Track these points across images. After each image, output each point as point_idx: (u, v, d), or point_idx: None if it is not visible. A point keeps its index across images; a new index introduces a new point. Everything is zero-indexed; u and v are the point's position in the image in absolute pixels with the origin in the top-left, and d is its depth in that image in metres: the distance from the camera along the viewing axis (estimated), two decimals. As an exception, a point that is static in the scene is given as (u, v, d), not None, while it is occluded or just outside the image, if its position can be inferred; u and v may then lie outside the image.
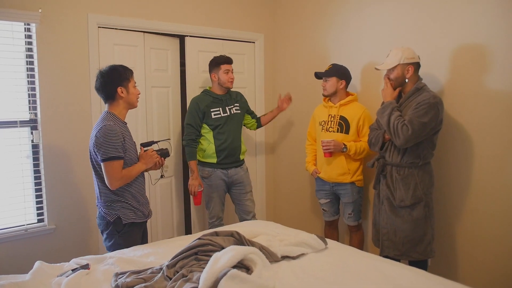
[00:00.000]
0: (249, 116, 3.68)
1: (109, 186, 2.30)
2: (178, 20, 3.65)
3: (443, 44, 2.82)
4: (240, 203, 3.55)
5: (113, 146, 2.25)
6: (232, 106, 3.47)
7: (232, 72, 3.42)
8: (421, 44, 2.89)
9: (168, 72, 3.73)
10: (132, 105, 2.45)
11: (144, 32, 3.49)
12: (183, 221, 3.94)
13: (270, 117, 3.73)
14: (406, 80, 2.63)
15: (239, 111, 3.51)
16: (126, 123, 2.46)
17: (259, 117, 3.74)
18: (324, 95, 3.26)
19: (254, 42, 4.20)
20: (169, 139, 3.55)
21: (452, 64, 2.78)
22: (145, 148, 2.56)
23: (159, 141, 2.72)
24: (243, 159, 3.57)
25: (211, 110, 3.39)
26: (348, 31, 3.51)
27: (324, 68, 3.24)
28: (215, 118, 3.40)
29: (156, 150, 2.58)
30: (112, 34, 3.31)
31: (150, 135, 3.58)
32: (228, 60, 3.40)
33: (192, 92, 3.73)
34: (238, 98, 3.57)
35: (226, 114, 3.42)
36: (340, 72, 3.18)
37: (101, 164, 2.27)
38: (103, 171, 2.29)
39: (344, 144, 3.08)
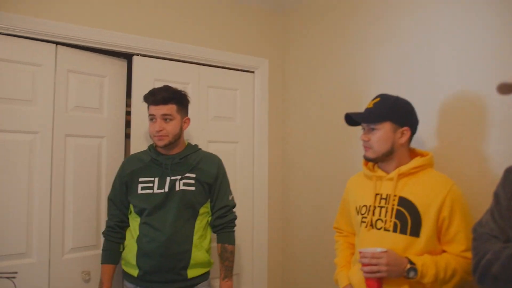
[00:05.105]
0: (208, 202, 1.99)
1: None
2: (121, 28, 2.22)
3: None
4: None
5: None
6: (180, 177, 1.90)
7: (168, 120, 1.88)
8: None
9: (104, 113, 2.26)
10: None
11: (56, 43, 2.07)
12: None
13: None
14: None
15: (192, 188, 1.90)
16: None
17: (222, 227, 1.97)
18: (367, 158, 1.65)
19: (253, 72, 2.70)
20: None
21: None
22: None
23: None
24: (198, 277, 1.90)
25: (140, 179, 1.90)
26: (408, 45, 1.96)
27: (364, 106, 1.66)
28: (142, 194, 1.88)
29: None
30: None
31: (58, 220, 2.04)
32: (156, 98, 1.88)
33: (139, 146, 2.22)
34: (201, 164, 1.95)
35: (162, 191, 1.87)
36: (398, 112, 1.59)
37: None
38: None
39: (411, 262, 1.42)
